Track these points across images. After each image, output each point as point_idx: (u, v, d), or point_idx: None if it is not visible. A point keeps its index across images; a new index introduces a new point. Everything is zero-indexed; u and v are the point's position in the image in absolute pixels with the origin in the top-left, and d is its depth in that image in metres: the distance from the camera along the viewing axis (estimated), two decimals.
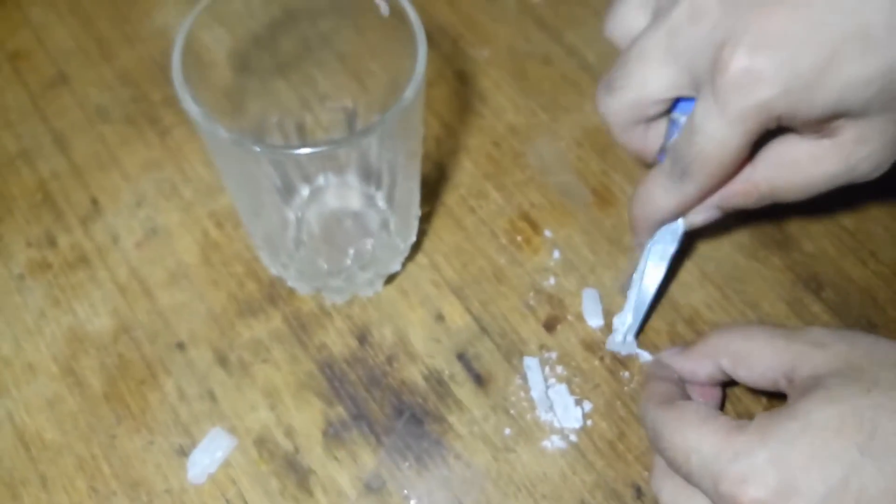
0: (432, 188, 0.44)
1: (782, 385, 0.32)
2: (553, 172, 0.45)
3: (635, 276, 0.38)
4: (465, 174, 0.45)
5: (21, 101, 0.47)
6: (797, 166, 0.33)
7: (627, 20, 0.34)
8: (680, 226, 0.36)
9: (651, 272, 0.38)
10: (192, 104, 0.29)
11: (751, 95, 0.29)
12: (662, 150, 0.35)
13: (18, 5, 0.51)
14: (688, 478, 0.31)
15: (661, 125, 0.35)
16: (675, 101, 0.33)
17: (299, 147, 0.29)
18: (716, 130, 0.30)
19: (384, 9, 0.33)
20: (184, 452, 0.38)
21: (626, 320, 0.39)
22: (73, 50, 0.49)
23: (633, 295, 0.38)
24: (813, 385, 0.30)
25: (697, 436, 0.30)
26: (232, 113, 0.38)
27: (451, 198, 0.45)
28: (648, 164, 0.36)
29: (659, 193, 0.34)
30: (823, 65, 0.28)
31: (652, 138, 0.35)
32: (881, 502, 0.27)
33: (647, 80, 0.32)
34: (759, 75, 0.29)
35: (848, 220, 0.44)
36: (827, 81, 0.28)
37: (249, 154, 0.30)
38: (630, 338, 0.39)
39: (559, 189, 0.45)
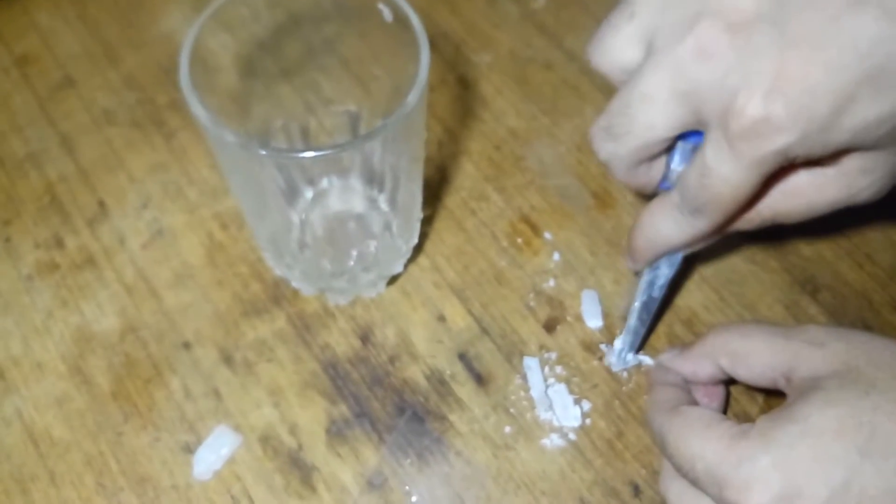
0: (434, 191, 0.45)
1: (781, 384, 0.33)
2: (553, 175, 0.46)
3: (634, 304, 0.38)
4: (467, 177, 0.46)
5: (29, 104, 0.48)
6: (800, 193, 0.33)
7: (618, 52, 0.32)
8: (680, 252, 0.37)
9: (650, 298, 0.38)
10: (200, 108, 0.29)
11: (767, 143, 0.28)
12: (665, 179, 0.34)
13: (26, 10, 0.52)
14: (694, 483, 0.31)
15: (662, 159, 0.34)
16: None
17: (303, 151, 0.29)
18: (730, 174, 0.30)
19: (387, 14, 0.34)
20: (189, 449, 0.38)
21: (626, 344, 0.39)
22: (80, 54, 0.50)
23: (632, 322, 0.39)
24: (811, 386, 0.30)
25: (702, 442, 0.31)
26: (237, 117, 0.39)
27: (452, 200, 0.45)
28: (649, 195, 0.36)
29: (668, 226, 0.34)
30: (839, 108, 0.27)
31: (654, 172, 0.34)
32: (882, 502, 0.27)
33: (652, 123, 0.31)
34: (776, 123, 0.28)
35: (845, 224, 0.45)
36: (842, 124, 0.28)
37: (255, 157, 0.30)
38: (629, 357, 0.40)
39: (559, 192, 0.45)
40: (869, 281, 0.43)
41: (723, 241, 0.43)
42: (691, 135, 0.32)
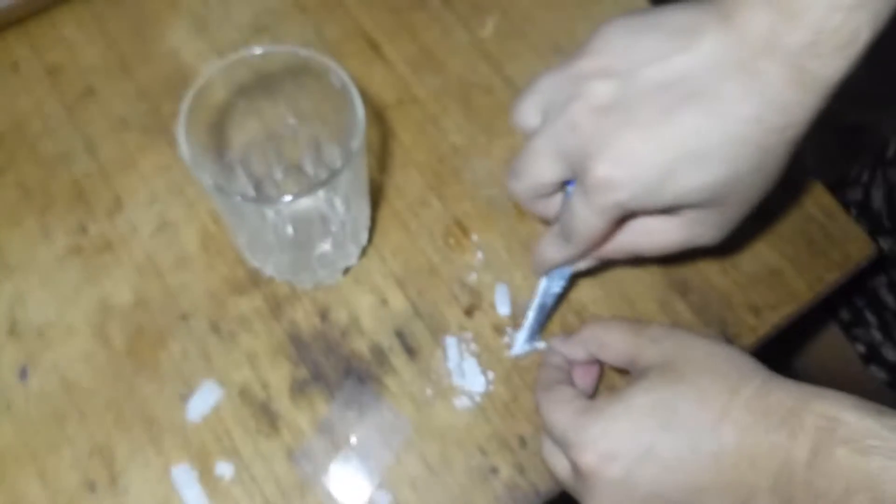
0: (384, 195, 0.56)
1: (630, 368, 0.44)
2: (484, 186, 0.56)
3: (532, 304, 0.49)
4: (413, 184, 0.56)
5: (57, 110, 0.58)
6: (652, 235, 0.42)
7: (525, 116, 0.42)
8: (569, 269, 0.47)
9: (544, 301, 0.49)
10: (204, 176, 0.40)
11: (609, 196, 0.37)
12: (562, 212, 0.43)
13: (54, 24, 0.61)
14: (555, 443, 0.43)
15: (559, 195, 0.44)
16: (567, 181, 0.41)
17: (270, 200, 0.40)
18: (586, 216, 0.39)
19: (336, 82, 0.43)
20: (184, 398, 0.50)
21: (524, 336, 0.51)
22: (100, 66, 0.60)
23: (529, 318, 0.49)
24: (642, 375, 0.41)
25: (559, 414, 0.41)
26: (220, 136, 0.48)
27: (400, 204, 0.56)
28: (550, 223, 0.45)
29: (551, 249, 0.44)
30: (664, 177, 0.36)
31: (552, 206, 0.44)
32: (673, 462, 0.38)
33: (540, 171, 0.41)
34: (615, 183, 0.37)
35: None
36: (666, 189, 0.37)
37: (229, 198, 0.41)
38: (525, 345, 0.51)
39: (488, 201, 0.56)
40: (732, 285, 0.54)
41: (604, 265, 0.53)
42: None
